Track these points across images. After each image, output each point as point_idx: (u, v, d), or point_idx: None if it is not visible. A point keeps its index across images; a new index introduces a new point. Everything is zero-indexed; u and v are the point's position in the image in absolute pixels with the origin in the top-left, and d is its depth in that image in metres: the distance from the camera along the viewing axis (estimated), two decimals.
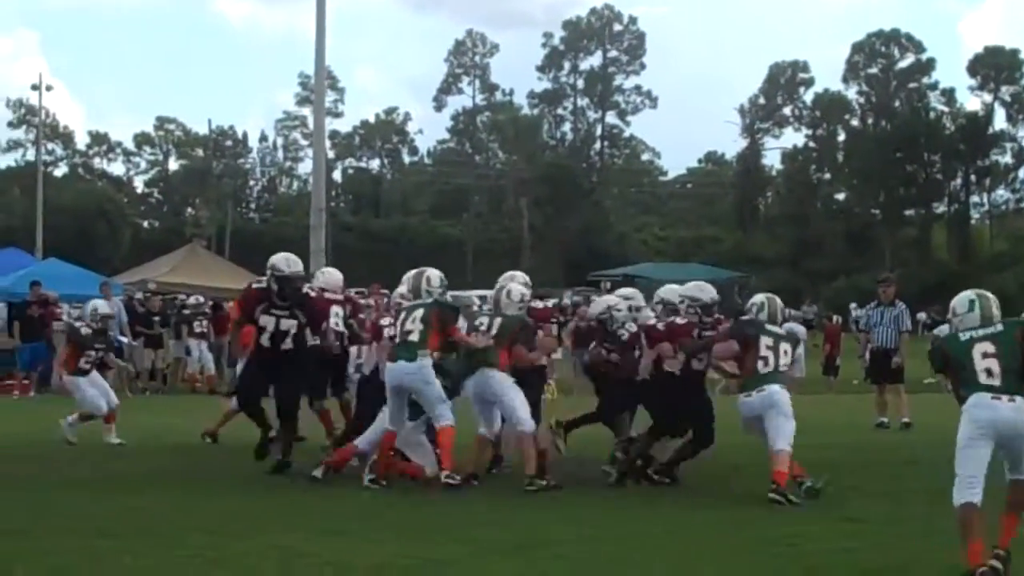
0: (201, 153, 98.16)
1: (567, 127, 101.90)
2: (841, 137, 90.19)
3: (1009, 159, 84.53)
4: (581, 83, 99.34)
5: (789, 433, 11.61)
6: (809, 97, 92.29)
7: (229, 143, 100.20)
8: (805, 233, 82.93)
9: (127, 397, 23.04)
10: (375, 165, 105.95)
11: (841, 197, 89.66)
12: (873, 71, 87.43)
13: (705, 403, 12.99)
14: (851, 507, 10.98)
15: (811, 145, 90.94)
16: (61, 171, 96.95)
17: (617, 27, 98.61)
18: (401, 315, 12.45)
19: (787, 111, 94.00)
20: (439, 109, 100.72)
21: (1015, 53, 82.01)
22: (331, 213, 56.19)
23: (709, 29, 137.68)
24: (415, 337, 12.13)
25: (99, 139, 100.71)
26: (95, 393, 16.75)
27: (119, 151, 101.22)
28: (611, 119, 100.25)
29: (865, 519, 10.38)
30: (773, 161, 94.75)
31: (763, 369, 11.88)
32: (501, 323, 12.59)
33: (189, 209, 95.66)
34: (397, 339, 12.30)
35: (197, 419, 17.74)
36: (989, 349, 8.19)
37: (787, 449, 11.49)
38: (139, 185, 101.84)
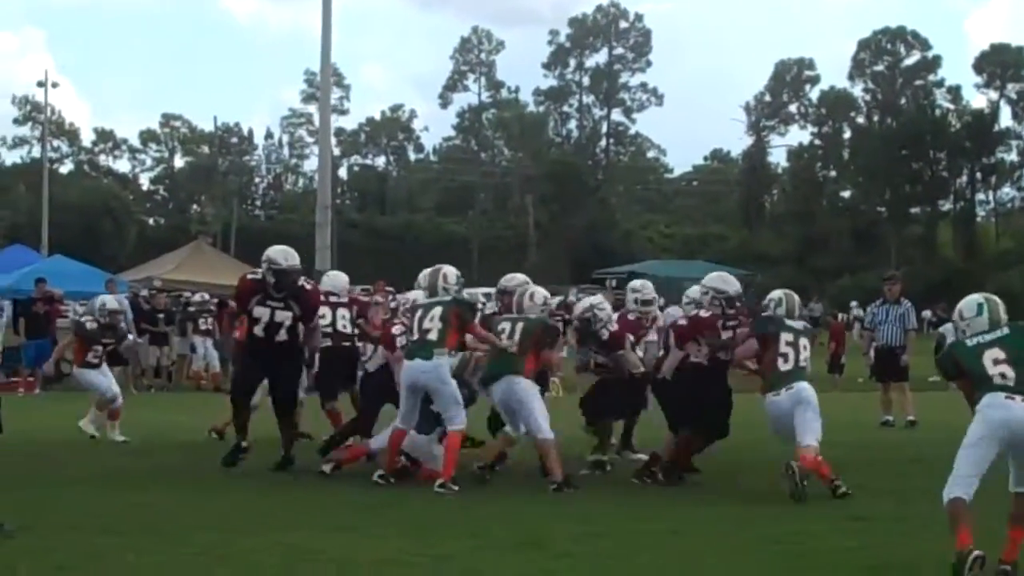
0: (207, 150, 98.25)
1: (573, 124, 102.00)
2: (847, 135, 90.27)
3: (1015, 157, 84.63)
4: (587, 80, 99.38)
5: (817, 429, 11.63)
6: (815, 94, 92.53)
7: (235, 140, 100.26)
8: (811, 231, 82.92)
9: (132, 394, 23.04)
10: (381, 162, 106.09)
11: (847, 195, 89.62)
12: (879, 68, 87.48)
13: (726, 394, 12.86)
14: (856, 505, 10.96)
15: (817, 143, 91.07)
16: (67, 168, 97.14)
17: (623, 24, 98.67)
18: (418, 313, 12.34)
19: (793, 108, 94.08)
20: (445, 106, 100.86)
21: (1021, 51, 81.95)
22: (337, 210, 56.14)
23: (715, 26, 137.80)
24: (433, 336, 12.05)
25: (105, 136, 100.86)
26: (102, 379, 16.83)
27: (125, 148, 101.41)
28: (617, 116, 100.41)
29: (870, 517, 10.35)
30: (779, 159, 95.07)
31: (783, 366, 11.84)
32: (523, 328, 12.54)
33: (195, 206, 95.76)
34: (414, 337, 12.22)
35: (202, 416, 17.74)
36: (999, 355, 8.18)
37: (815, 445, 11.50)
38: (145, 182, 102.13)
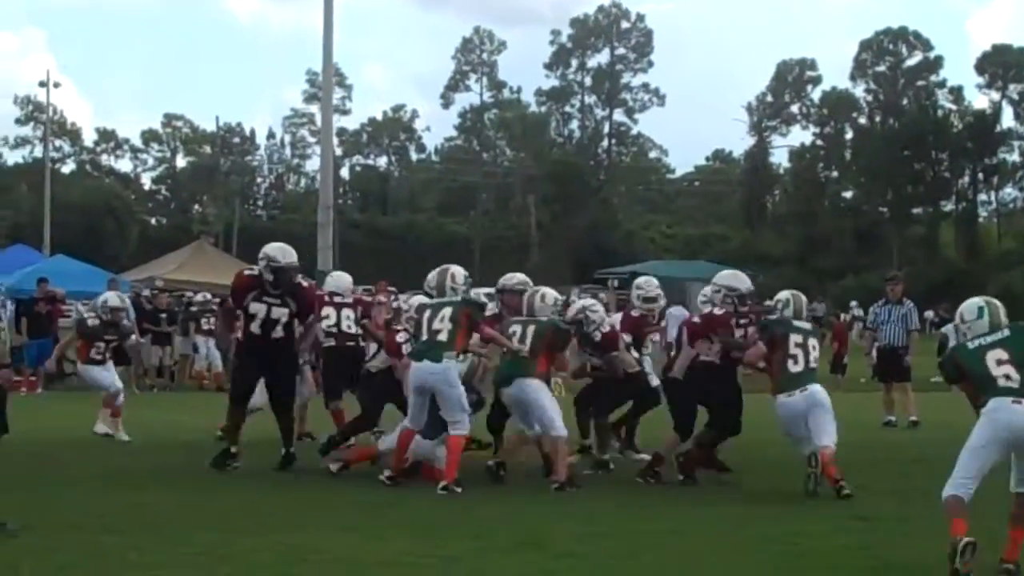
0: (209, 150, 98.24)
1: (575, 125, 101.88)
2: (849, 135, 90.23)
3: (1017, 157, 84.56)
4: (589, 80, 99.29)
5: (833, 432, 11.73)
6: (817, 95, 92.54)
7: (237, 140, 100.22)
8: (813, 231, 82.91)
9: (134, 394, 23.06)
10: (382, 162, 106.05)
11: (849, 195, 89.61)
12: (881, 69, 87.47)
13: (736, 392, 12.87)
14: (858, 505, 10.96)
15: (819, 143, 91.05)
16: (69, 168, 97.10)
17: (625, 24, 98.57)
18: (426, 313, 12.28)
19: (795, 109, 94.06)
20: (446, 106, 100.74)
21: (1023, 51, 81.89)
22: (338, 210, 56.10)
23: (717, 27, 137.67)
24: (444, 337, 12.00)
25: (106, 136, 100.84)
26: (105, 374, 16.88)
27: (127, 148, 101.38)
28: (619, 117, 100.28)
29: (872, 517, 10.36)
30: (781, 159, 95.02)
31: (794, 368, 11.89)
32: (535, 330, 12.52)
33: (197, 206, 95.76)
34: (424, 337, 12.16)
35: (204, 416, 17.75)
36: (1002, 356, 8.19)
37: (832, 447, 11.59)
38: (147, 182, 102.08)
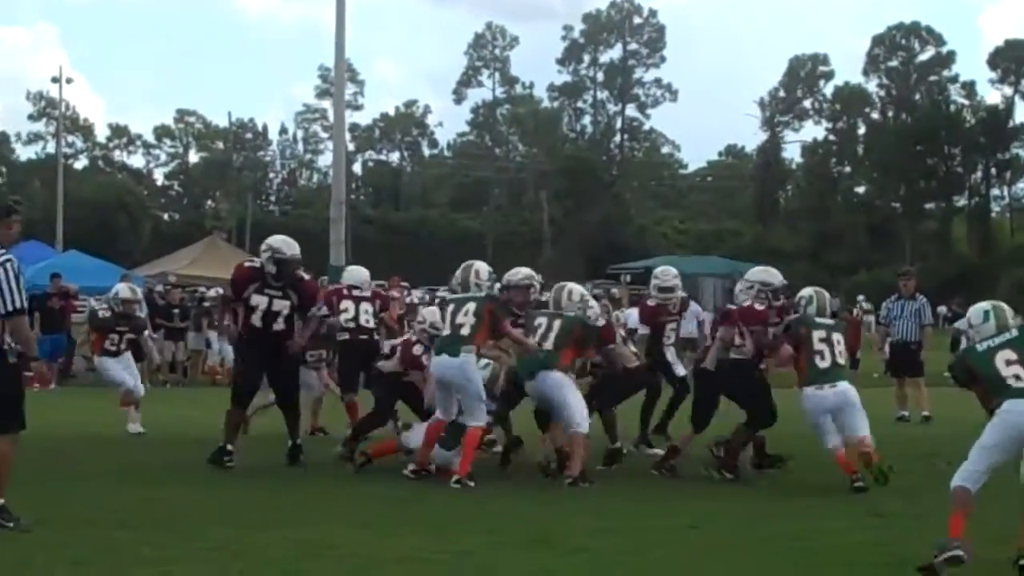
0: (221, 146, 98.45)
1: (587, 120, 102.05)
2: (861, 130, 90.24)
3: None
4: (601, 76, 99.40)
5: (867, 425, 11.83)
6: (829, 90, 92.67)
7: (249, 136, 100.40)
8: (825, 226, 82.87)
9: (147, 389, 23.05)
10: (395, 158, 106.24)
11: (861, 190, 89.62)
12: (893, 64, 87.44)
13: (762, 384, 12.86)
14: (872, 501, 10.95)
15: (831, 138, 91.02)
16: (81, 164, 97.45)
17: (637, 20, 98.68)
18: (450, 307, 12.32)
19: (807, 104, 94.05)
20: (459, 102, 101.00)
21: None
22: (351, 206, 56.09)
23: (729, 22, 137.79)
24: (466, 331, 12.01)
25: (119, 132, 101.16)
26: (119, 368, 16.92)
27: (139, 144, 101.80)
28: (631, 112, 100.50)
29: (886, 513, 10.35)
30: (793, 154, 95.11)
31: (822, 363, 11.92)
32: (561, 325, 12.50)
33: (209, 202, 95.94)
34: (446, 331, 12.20)
35: (217, 412, 17.70)
36: (1011, 356, 8.19)
37: (869, 436, 11.71)
38: (159, 178, 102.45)
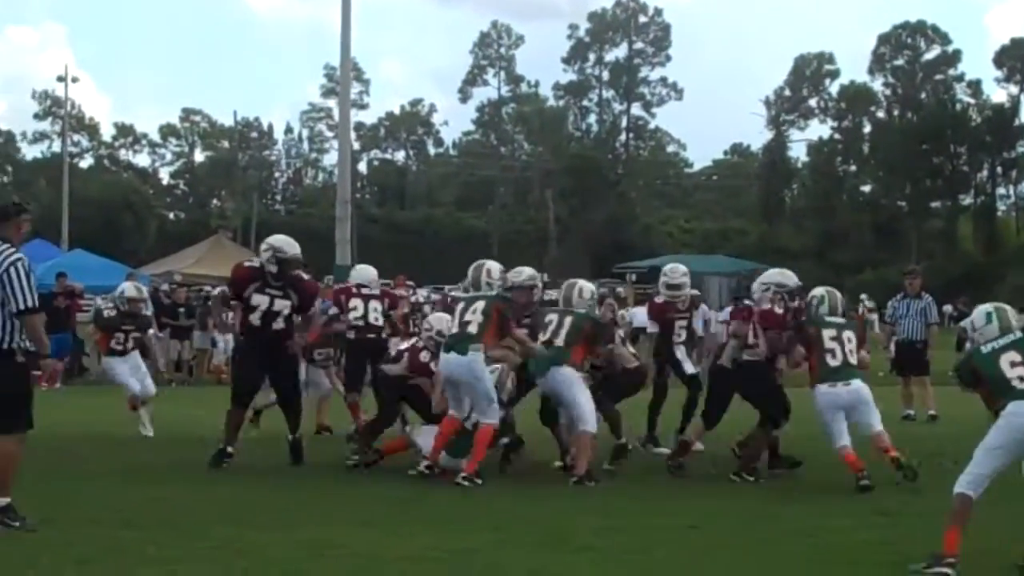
0: (227, 145, 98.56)
1: (592, 119, 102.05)
2: (867, 129, 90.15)
3: None
4: (606, 75, 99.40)
5: (879, 420, 12.08)
6: (835, 89, 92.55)
7: (255, 135, 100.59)
8: (831, 225, 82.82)
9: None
10: (400, 157, 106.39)
11: (867, 189, 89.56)
12: (899, 63, 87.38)
13: (775, 384, 12.87)
14: (878, 499, 10.96)
15: (837, 137, 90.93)
16: (87, 163, 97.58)
17: (642, 19, 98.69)
18: (459, 306, 12.36)
19: (813, 103, 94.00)
20: (464, 101, 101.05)
21: None
22: (356, 205, 56.22)
23: (734, 21, 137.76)
24: (473, 329, 12.00)
25: (125, 131, 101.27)
26: (125, 370, 16.89)
27: (145, 143, 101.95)
28: (636, 111, 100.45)
29: (892, 511, 10.35)
30: (799, 153, 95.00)
31: (833, 362, 11.98)
32: (572, 322, 12.49)
33: (215, 201, 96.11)
34: (455, 329, 12.21)
35: (222, 411, 17.71)
36: (1016, 358, 8.18)
37: (883, 430, 11.99)
38: (165, 177, 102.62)
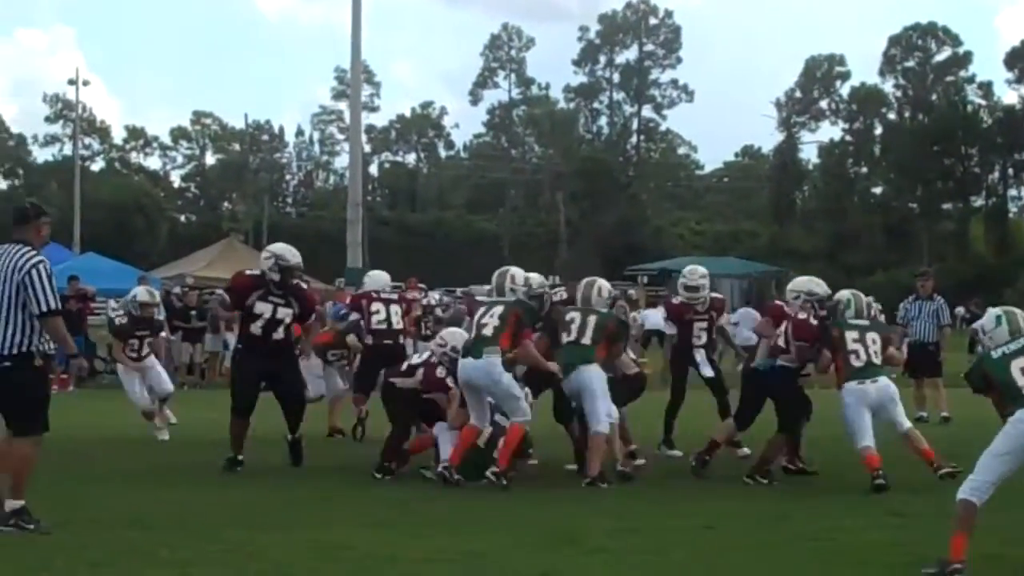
0: (238, 147, 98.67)
1: (603, 121, 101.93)
2: (878, 131, 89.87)
3: None
4: (617, 77, 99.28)
5: (905, 415, 12.23)
6: (846, 91, 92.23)
7: (266, 137, 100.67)
8: (842, 227, 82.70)
9: None
10: (411, 159, 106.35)
11: (878, 191, 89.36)
12: (910, 64, 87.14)
13: (800, 390, 12.92)
14: (891, 501, 10.95)
15: (848, 139, 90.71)
16: (98, 166, 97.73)
17: (653, 21, 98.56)
18: (480, 310, 12.40)
19: (824, 105, 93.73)
20: (475, 103, 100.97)
21: None
22: (367, 207, 56.15)
23: (745, 23, 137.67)
24: (488, 332, 11.98)
25: (136, 134, 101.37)
26: (136, 387, 16.90)
27: (156, 145, 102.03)
28: (647, 113, 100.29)
29: (905, 513, 10.35)
30: (810, 155, 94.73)
31: (857, 363, 12.01)
32: (596, 321, 12.54)
33: (226, 203, 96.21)
34: (472, 333, 12.26)
35: None
36: None
37: (912, 426, 12.26)
38: (176, 179, 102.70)
